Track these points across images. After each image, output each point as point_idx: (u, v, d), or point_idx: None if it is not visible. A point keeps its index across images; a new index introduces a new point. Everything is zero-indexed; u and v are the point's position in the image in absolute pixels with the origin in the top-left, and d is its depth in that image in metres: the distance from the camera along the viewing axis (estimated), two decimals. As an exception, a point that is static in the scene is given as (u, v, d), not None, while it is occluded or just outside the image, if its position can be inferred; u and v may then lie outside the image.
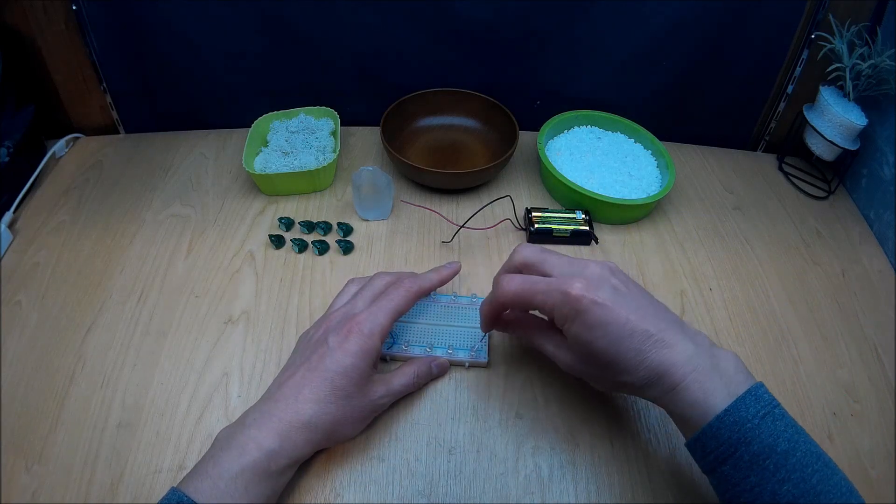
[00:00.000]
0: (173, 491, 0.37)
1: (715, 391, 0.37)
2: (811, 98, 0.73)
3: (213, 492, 0.37)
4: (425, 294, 0.50)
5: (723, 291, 0.61)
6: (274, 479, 0.40)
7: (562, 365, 0.45)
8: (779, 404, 0.38)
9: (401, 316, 0.47)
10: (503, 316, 0.49)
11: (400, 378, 0.48)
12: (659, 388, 0.39)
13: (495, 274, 0.48)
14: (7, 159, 0.63)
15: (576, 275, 0.42)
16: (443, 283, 0.52)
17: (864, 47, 0.66)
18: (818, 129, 0.70)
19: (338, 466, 0.45)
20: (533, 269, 0.45)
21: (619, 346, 0.39)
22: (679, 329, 0.41)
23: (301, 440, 0.41)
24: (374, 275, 0.52)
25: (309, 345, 0.46)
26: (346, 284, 0.53)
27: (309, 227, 0.64)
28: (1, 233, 0.60)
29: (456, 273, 0.53)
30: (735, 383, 0.38)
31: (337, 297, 0.52)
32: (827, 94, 0.70)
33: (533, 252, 0.45)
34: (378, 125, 0.69)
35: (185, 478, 0.39)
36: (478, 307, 0.53)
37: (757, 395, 0.37)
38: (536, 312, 0.47)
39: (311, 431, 0.41)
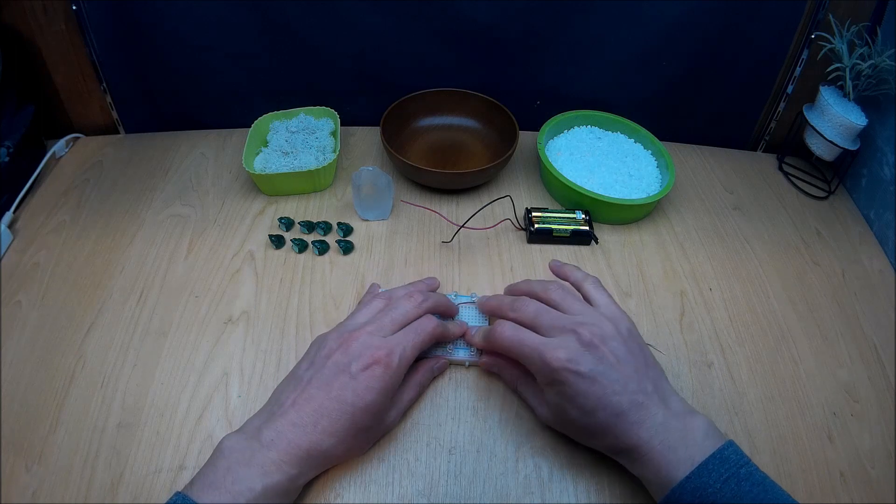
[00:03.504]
0: (182, 497, 0.37)
1: (678, 460, 0.39)
2: (811, 98, 0.73)
3: None
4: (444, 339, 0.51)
5: (723, 291, 0.61)
6: (291, 496, 0.41)
7: (540, 417, 0.47)
8: (747, 463, 0.38)
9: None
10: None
11: (407, 393, 0.48)
12: (625, 458, 0.42)
13: (507, 286, 0.53)
14: (7, 159, 0.63)
15: (557, 345, 0.42)
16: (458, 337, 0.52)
17: (864, 47, 0.66)
18: (818, 129, 0.70)
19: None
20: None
21: (591, 417, 0.42)
22: (656, 396, 0.42)
23: (317, 464, 0.42)
24: (403, 295, 0.49)
25: (327, 363, 0.43)
26: (372, 297, 0.50)
27: (309, 227, 0.64)
28: (1, 233, 0.60)
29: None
30: (702, 450, 0.39)
31: (359, 307, 0.50)
32: (827, 94, 0.70)
33: (538, 294, 0.48)
34: (378, 125, 0.69)
35: (195, 487, 0.38)
36: (477, 307, 0.54)
37: (722, 458, 0.38)
38: None
39: (327, 459, 0.43)
